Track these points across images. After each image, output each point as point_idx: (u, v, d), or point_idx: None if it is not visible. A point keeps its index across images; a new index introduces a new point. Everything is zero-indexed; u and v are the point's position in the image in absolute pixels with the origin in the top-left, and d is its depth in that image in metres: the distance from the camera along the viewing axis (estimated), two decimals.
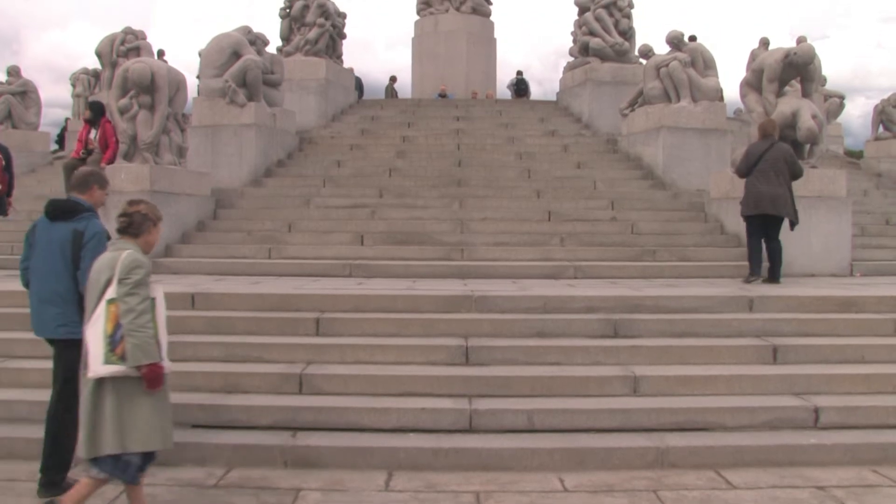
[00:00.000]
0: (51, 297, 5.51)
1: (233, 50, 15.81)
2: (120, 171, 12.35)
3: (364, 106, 22.50)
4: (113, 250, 4.77)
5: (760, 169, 10.63)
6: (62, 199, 5.82)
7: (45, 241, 5.59)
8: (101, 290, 4.63)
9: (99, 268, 4.71)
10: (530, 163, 16.71)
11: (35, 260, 5.65)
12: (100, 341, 4.56)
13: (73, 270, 5.42)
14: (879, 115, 20.58)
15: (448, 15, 26.96)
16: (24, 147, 19.95)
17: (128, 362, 4.52)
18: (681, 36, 16.17)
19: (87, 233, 5.47)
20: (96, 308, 4.62)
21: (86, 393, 4.62)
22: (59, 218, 5.58)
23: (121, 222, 4.84)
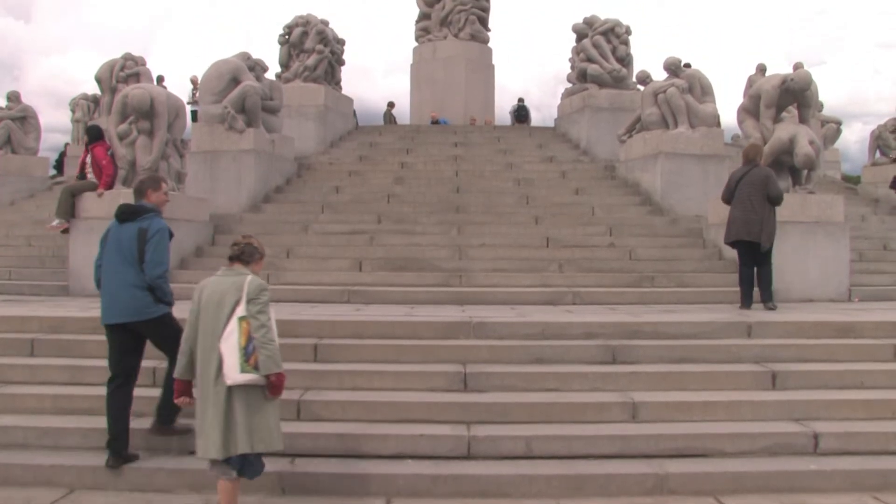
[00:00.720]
0: (123, 287, 6.38)
1: (232, 76, 15.86)
2: (119, 196, 12.34)
3: (362, 132, 22.56)
4: (233, 275, 5.50)
5: (738, 194, 10.64)
6: (128, 204, 6.66)
7: (114, 240, 6.51)
8: (230, 309, 5.33)
9: (224, 290, 5.41)
10: (529, 189, 16.73)
11: (107, 257, 6.53)
12: (235, 353, 5.23)
13: (139, 263, 6.37)
14: (876, 140, 20.63)
15: (446, 42, 27.07)
16: (23, 172, 20.02)
17: (261, 371, 5.24)
18: (678, 62, 16.23)
19: (150, 230, 6.41)
20: (227, 325, 5.29)
21: (219, 399, 5.25)
22: (126, 219, 6.53)
23: (233, 251, 5.63)
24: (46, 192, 19.71)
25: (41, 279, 13.36)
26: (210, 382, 5.31)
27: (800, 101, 12.66)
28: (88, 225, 12.39)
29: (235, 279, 5.45)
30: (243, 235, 5.80)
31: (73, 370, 7.89)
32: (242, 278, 5.43)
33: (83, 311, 9.68)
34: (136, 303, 6.38)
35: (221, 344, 5.29)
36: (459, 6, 26.96)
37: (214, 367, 5.29)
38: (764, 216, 10.44)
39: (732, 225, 10.68)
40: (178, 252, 13.02)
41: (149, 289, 6.40)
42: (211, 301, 5.45)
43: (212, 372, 5.31)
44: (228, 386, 5.25)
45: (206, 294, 5.53)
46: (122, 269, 6.40)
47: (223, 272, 5.60)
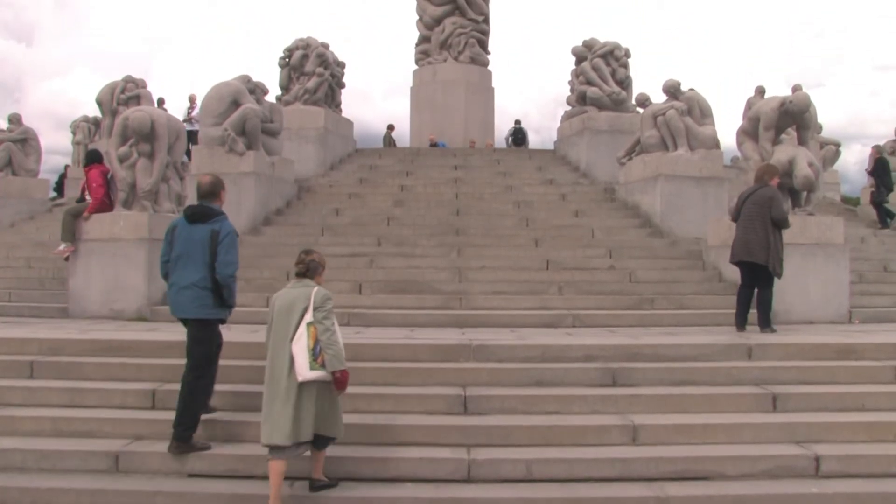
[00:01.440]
0: (190, 284, 6.89)
1: (232, 98, 15.91)
2: (119, 218, 12.40)
3: (362, 155, 22.58)
4: (301, 287, 6.35)
5: (742, 214, 10.64)
6: (199, 205, 7.10)
7: (185, 239, 6.98)
8: (299, 315, 6.18)
9: (294, 299, 6.26)
10: (528, 211, 16.74)
11: (175, 255, 7.02)
12: (304, 353, 6.08)
13: (211, 263, 6.86)
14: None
15: (446, 65, 27.15)
16: (23, 194, 20.05)
17: (327, 369, 6.10)
18: (677, 85, 16.28)
19: (222, 232, 6.94)
20: (297, 329, 6.14)
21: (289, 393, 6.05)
22: (197, 221, 7.02)
23: (299, 268, 6.46)
24: (46, 213, 19.73)
25: (41, 301, 13.34)
26: (281, 379, 6.11)
27: (799, 124, 12.69)
28: (89, 247, 12.42)
29: (303, 290, 6.30)
30: (306, 252, 6.57)
31: (73, 393, 7.88)
32: (309, 289, 6.30)
33: (83, 333, 9.69)
34: (198, 301, 6.92)
35: (293, 346, 6.12)
36: (459, 29, 27.05)
37: (286, 366, 6.11)
38: (767, 238, 10.38)
39: (735, 245, 10.69)
40: None
41: (213, 289, 6.93)
42: (282, 309, 6.28)
43: (283, 369, 6.12)
44: (299, 382, 6.06)
45: (277, 304, 6.35)
46: (190, 268, 6.93)
47: (293, 284, 6.44)
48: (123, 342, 9.03)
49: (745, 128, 13.12)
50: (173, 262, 7.06)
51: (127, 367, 8.42)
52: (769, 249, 10.35)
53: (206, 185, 7.24)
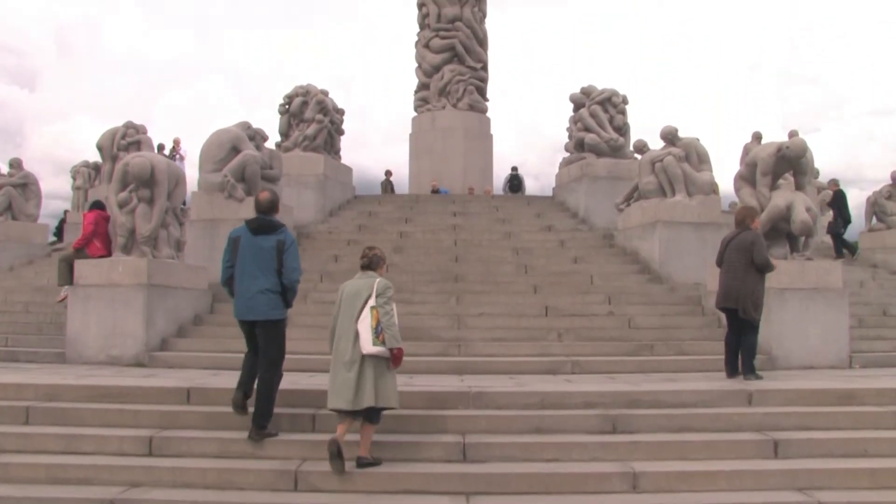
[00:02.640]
0: (264, 290, 7.79)
1: (232, 145, 15.99)
2: (118, 264, 12.40)
3: (362, 201, 22.63)
4: (366, 278, 7.51)
5: (725, 259, 10.47)
6: (263, 218, 8.01)
7: (252, 249, 7.86)
8: (364, 300, 7.31)
9: (359, 287, 7.43)
10: (527, 258, 16.76)
11: (241, 264, 7.89)
12: (368, 332, 7.20)
13: (278, 269, 7.79)
14: (872, 206, 20.73)
15: (445, 111, 27.33)
16: (22, 239, 20.09)
17: (386, 345, 7.23)
18: (675, 131, 16.36)
19: (287, 241, 7.88)
20: (362, 311, 7.27)
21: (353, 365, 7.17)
22: (262, 232, 7.91)
23: (364, 261, 7.64)
24: (45, 258, 19.74)
25: (38, 346, 13.28)
26: (346, 352, 7.26)
27: (796, 169, 12.76)
28: (87, 293, 12.41)
29: (367, 280, 7.47)
30: (369, 248, 7.75)
31: (68, 439, 7.82)
32: (373, 279, 7.46)
33: (79, 378, 9.65)
34: (268, 304, 7.81)
35: (358, 325, 7.25)
36: (458, 76, 27.28)
37: (352, 341, 7.24)
38: (748, 283, 10.14)
39: (719, 290, 10.52)
40: (176, 320, 13.06)
41: (280, 293, 7.88)
42: (349, 295, 7.45)
43: (349, 344, 7.26)
44: (362, 355, 7.17)
45: (346, 291, 7.53)
46: (259, 275, 7.81)
47: (359, 276, 7.60)
48: (121, 388, 9.00)
49: (743, 173, 13.18)
50: (239, 271, 7.91)
51: (124, 413, 8.38)
52: (743, 295, 10.12)
53: (266, 202, 8.11)
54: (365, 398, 7.12)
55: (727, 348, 10.47)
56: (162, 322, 12.69)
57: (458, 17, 27.38)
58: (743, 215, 10.65)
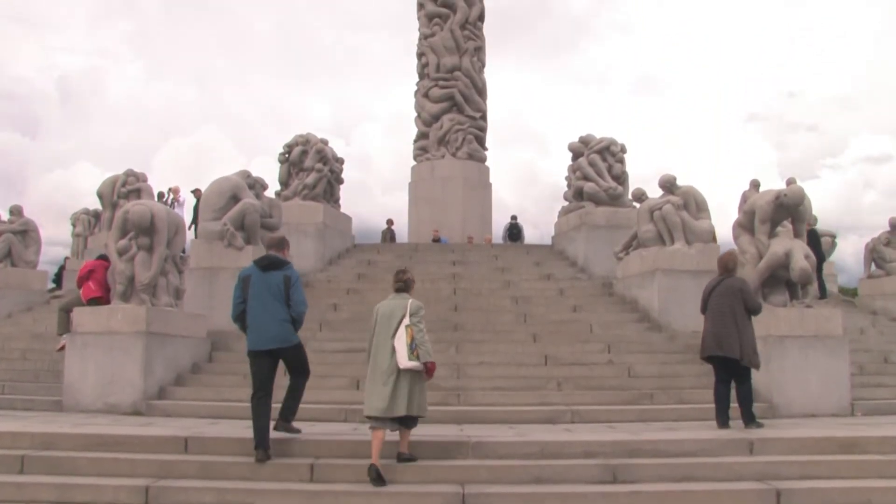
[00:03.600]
0: (274, 321, 8.58)
1: (232, 193, 16.06)
2: (116, 311, 12.40)
3: (361, 250, 22.63)
4: (399, 299, 8.53)
5: (710, 306, 10.29)
6: (271, 256, 8.90)
7: (262, 284, 8.66)
8: (399, 319, 8.28)
9: (394, 307, 8.42)
10: (526, 307, 16.75)
11: (253, 299, 8.65)
12: (404, 348, 8.14)
13: (286, 301, 8.63)
14: (871, 253, 20.77)
15: (444, 160, 27.47)
16: (21, 286, 20.07)
17: (420, 360, 8.17)
18: (673, 180, 16.44)
19: (291, 277, 8.73)
20: (397, 329, 8.23)
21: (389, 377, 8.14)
22: (271, 268, 8.76)
23: (398, 285, 8.70)
24: (44, 305, 19.72)
25: (34, 394, 13.20)
26: (383, 364, 8.20)
27: (794, 216, 12.81)
28: (84, 340, 12.40)
29: (401, 301, 8.49)
30: (402, 272, 8.83)
31: (63, 489, 7.76)
32: (406, 300, 8.47)
33: (76, 427, 9.59)
34: (284, 332, 8.65)
35: (395, 341, 8.19)
36: (457, 126, 27.47)
37: (388, 356, 8.19)
38: (744, 330, 10.00)
39: (705, 338, 10.30)
40: (174, 368, 13.02)
41: (291, 321, 8.69)
42: (385, 315, 8.42)
43: (386, 358, 8.21)
44: (398, 368, 8.11)
45: (381, 310, 8.51)
46: (271, 306, 8.59)
47: (392, 297, 8.64)
48: (117, 437, 8.94)
49: (741, 221, 13.23)
50: (252, 305, 8.64)
51: (120, 462, 8.32)
52: (742, 342, 9.96)
53: (274, 240, 9.23)
54: (399, 407, 8.07)
55: (718, 398, 10.27)
56: (160, 370, 12.64)
57: (457, 67, 27.65)
58: (727, 260, 10.57)
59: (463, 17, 27.95)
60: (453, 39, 27.74)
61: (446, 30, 27.84)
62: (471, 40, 28.08)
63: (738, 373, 10.14)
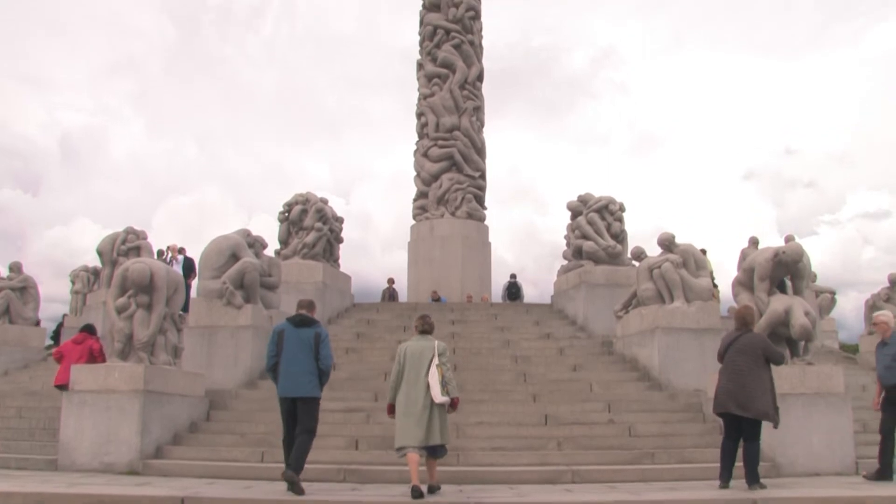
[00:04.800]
0: (303, 372, 9.70)
1: (231, 252, 16.12)
2: (114, 370, 12.36)
3: (360, 309, 22.62)
4: (425, 341, 9.81)
5: (727, 361, 10.10)
6: (303, 315, 10.03)
7: (294, 340, 9.79)
8: (429, 359, 9.55)
9: (423, 348, 9.68)
10: (526, 366, 16.70)
11: (286, 352, 9.77)
12: (437, 385, 9.38)
13: (315, 356, 9.75)
14: (871, 309, 20.73)
15: (443, 220, 27.58)
16: (19, 342, 20.07)
17: (450, 395, 9.51)
18: (672, 238, 16.51)
19: (321, 334, 9.91)
20: (430, 368, 9.49)
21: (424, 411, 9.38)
22: (302, 326, 9.89)
23: (424, 328, 10.02)
24: (41, 362, 19.67)
25: (29, 452, 13.08)
26: (419, 400, 9.40)
27: (793, 273, 12.82)
28: (81, 398, 12.35)
29: (428, 343, 9.76)
30: (423, 316, 10.21)
31: None
32: (432, 342, 9.75)
33: (70, 487, 9.50)
34: (309, 384, 9.70)
35: (429, 379, 9.41)
36: (456, 185, 27.63)
37: (423, 392, 9.40)
38: (760, 387, 9.83)
39: (720, 394, 10.10)
40: (171, 427, 12.94)
41: (318, 375, 9.77)
42: (414, 355, 9.66)
43: (420, 394, 9.41)
44: (431, 404, 9.36)
45: (409, 351, 9.72)
46: (302, 359, 9.71)
47: (416, 339, 9.91)
48: (112, 497, 8.87)
49: (741, 278, 13.24)
50: (284, 357, 9.75)
51: None
52: (765, 400, 9.79)
53: (305, 302, 10.35)
54: (434, 436, 9.36)
55: (724, 455, 10.11)
56: (157, 429, 12.55)
57: (456, 127, 27.91)
58: (744, 315, 10.45)
59: (462, 78, 28.30)
60: (452, 99, 28.06)
61: (445, 90, 28.17)
62: (470, 100, 28.40)
63: (749, 431, 9.94)
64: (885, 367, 11.34)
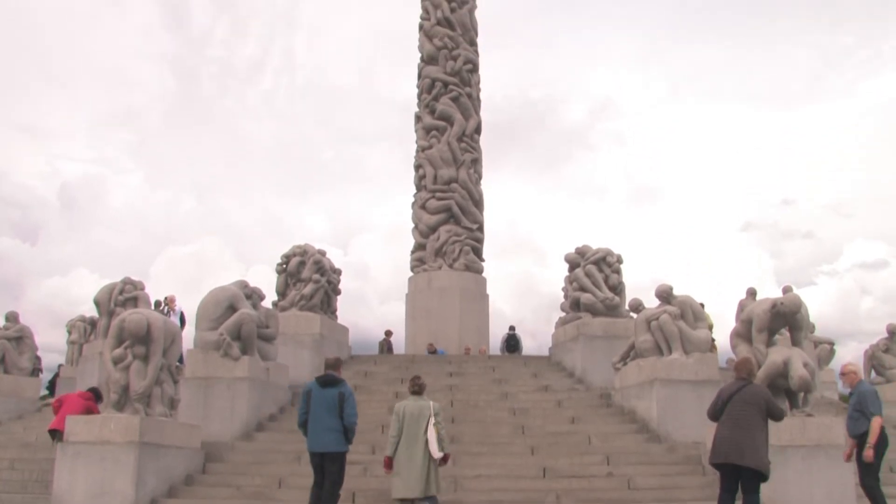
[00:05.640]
0: (329, 430, 10.76)
1: (229, 303, 16.12)
2: (109, 421, 12.27)
3: (357, 361, 22.51)
4: (421, 401, 10.96)
5: (729, 412, 9.86)
6: (329, 375, 11.09)
7: (321, 399, 10.85)
8: (426, 418, 10.69)
9: (420, 408, 10.83)
10: (524, 419, 16.61)
11: (313, 411, 10.87)
12: (434, 441, 10.54)
13: (340, 414, 10.78)
14: (870, 360, 20.75)
15: (441, 272, 27.59)
16: (13, 393, 19.99)
17: (444, 451, 10.72)
18: (670, 289, 16.52)
19: (345, 394, 10.92)
20: (427, 426, 10.63)
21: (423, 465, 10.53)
22: (328, 385, 10.94)
23: (414, 389, 11.13)
24: (36, 413, 19.55)
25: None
26: (417, 455, 10.51)
27: (791, 324, 12.84)
28: (75, 450, 12.28)
29: (423, 402, 10.93)
30: (416, 377, 11.33)
31: None
32: (427, 402, 10.94)
33: None
34: (335, 440, 10.78)
35: (427, 436, 10.54)
36: (454, 237, 27.70)
37: (422, 448, 10.53)
38: (759, 438, 9.64)
39: (720, 445, 9.85)
40: (167, 479, 12.86)
41: (343, 431, 10.80)
42: (412, 414, 10.79)
43: (419, 450, 10.53)
44: (429, 459, 10.51)
45: (407, 410, 10.84)
46: (327, 418, 10.75)
47: (412, 399, 11.04)
48: None
49: (739, 330, 13.25)
50: (311, 415, 10.85)
51: None
52: (765, 453, 9.62)
53: (332, 361, 11.45)
54: (431, 488, 10.56)
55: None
56: (153, 481, 12.45)
57: (454, 179, 28.06)
58: (745, 365, 10.31)
59: (460, 130, 28.52)
60: (450, 152, 28.24)
61: (443, 142, 28.36)
62: (468, 152, 28.60)
63: (748, 484, 9.69)
64: (849, 418, 11.16)
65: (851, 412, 11.14)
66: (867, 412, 11.00)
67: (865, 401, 10.97)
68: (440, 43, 29.45)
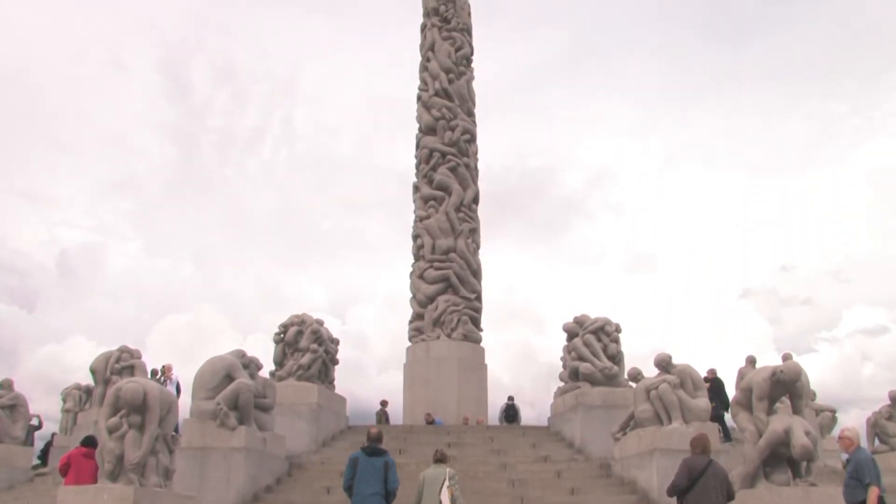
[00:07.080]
0: (373, 494, 11.69)
1: (226, 373, 16.08)
2: (103, 491, 12.09)
3: (355, 432, 22.34)
4: (440, 468, 12.06)
5: (703, 485, 10.19)
6: (374, 446, 12.08)
7: (367, 467, 11.85)
8: (442, 481, 11.78)
9: (438, 474, 11.95)
10: (523, 490, 16.45)
11: (360, 477, 11.80)
12: (447, 500, 11.49)
13: (384, 482, 11.80)
14: (873, 427, 20.59)
15: (439, 342, 27.53)
16: (5, 462, 19.81)
17: None
18: (668, 358, 16.51)
19: (389, 463, 12.02)
20: (442, 489, 11.70)
21: None
22: (374, 455, 11.98)
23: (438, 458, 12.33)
24: (27, 483, 19.30)
25: None
26: None
27: (792, 392, 12.79)
28: None
29: (441, 469, 12.06)
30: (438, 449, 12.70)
31: None
32: (444, 469, 12.04)
33: None
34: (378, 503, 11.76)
35: (441, 497, 11.59)
36: (452, 307, 27.71)
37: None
38: None
39: None
40: None
41: (385, 495, 11.81)
42: (431, 479, 11.93)
43: None
44: None
45: (427, 476, 12.03)
46: (373, 483, 11.74)
47: (434, 466, 12.18)
48: None
49: (739, 399, 13.19)
50: (357, 480, 11.79)
51: None
52: None
53: (375, 434, 12.35)
54: None
55: None
56: None
57: (452, 249, 28.18)
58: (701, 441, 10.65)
59: (458, 200, 28.72)
60: (448, 221, 28.41)
61: (441, 212, 28.55)
62: (466, 222, 28.77)
63: None
64: (846, 486, 11.07)
65: (848, 480, 11.06)
66: (864, 481, 10.92)
67: (862, 469, 10.88)
68: (438, 114, 29.83)
